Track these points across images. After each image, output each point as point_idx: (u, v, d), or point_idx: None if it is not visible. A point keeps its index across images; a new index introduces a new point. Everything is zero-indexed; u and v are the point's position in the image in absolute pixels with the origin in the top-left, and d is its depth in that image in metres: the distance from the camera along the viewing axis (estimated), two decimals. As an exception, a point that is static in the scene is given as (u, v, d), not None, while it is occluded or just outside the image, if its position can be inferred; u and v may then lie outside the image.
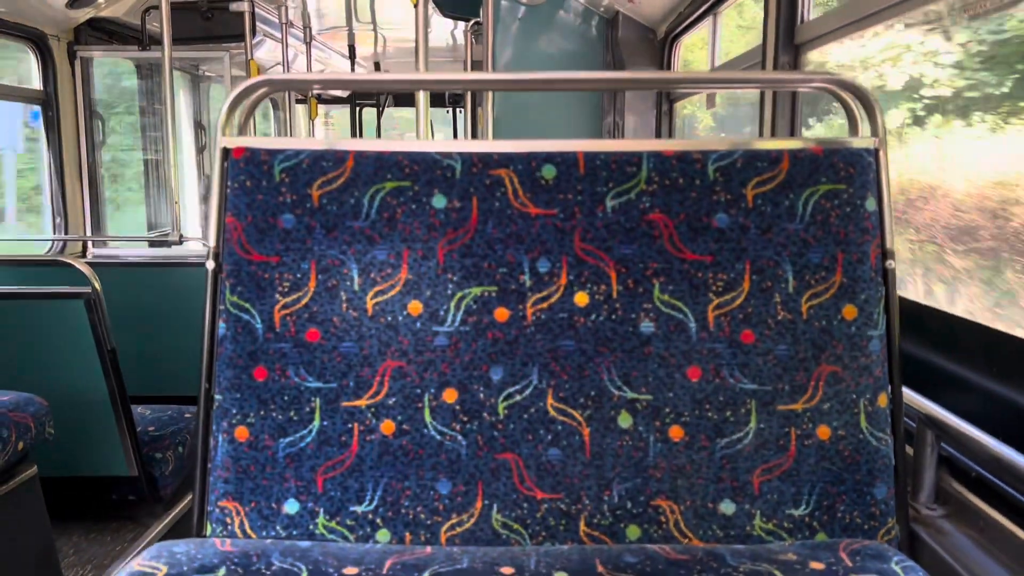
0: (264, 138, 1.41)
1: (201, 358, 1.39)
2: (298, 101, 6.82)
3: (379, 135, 9.18)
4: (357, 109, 9.28)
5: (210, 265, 1.39)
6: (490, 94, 3.97)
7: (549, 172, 1.38)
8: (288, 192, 1.38)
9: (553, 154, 1.39)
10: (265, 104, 7.54)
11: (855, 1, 2.05)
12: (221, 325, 1.38)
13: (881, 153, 1.38)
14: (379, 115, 8.69)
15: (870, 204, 1.36)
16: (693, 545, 1.32)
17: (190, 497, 1.44)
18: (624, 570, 1.19)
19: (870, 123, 1.40)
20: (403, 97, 9.03)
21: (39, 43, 4.09)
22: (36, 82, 4.18)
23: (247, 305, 1.38)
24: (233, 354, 1.37)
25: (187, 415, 3.21)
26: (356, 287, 1.38)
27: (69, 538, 2.89)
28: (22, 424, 2.21)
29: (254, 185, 1.38)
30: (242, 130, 1.48)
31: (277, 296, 1.38)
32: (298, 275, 1.38)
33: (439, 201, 1.38)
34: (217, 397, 1.38)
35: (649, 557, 1.23)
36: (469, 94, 5.21)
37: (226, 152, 1.40)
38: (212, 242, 1.40)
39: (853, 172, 1.36)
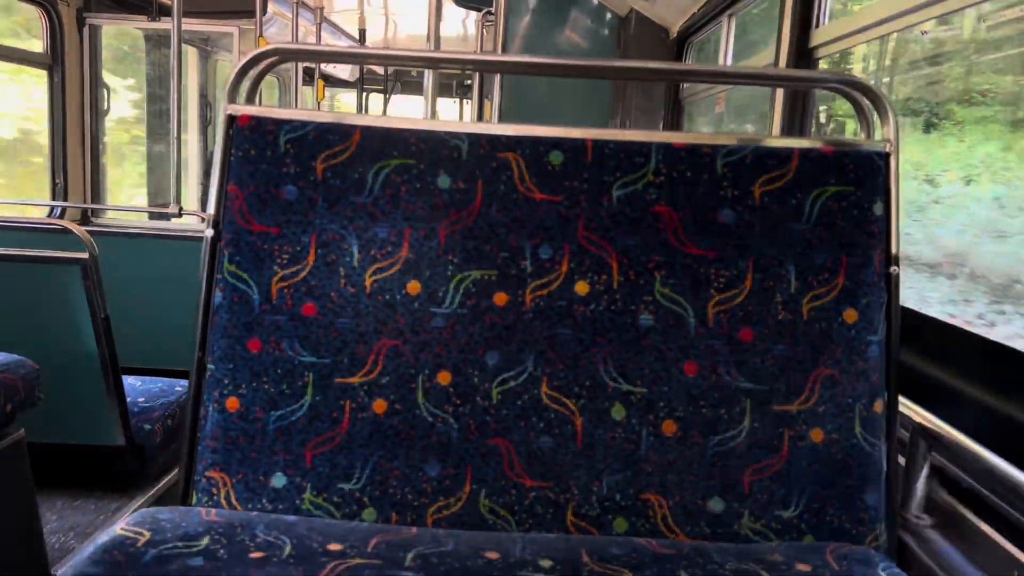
0: (271, 108, 1.40)
1: (197, 326, 1.38)
2: (305, 83, 6.79)
3: None
4: (364, 94, 9.25)
5: (209, 233, 1.37)
6: (498, 84, 3.96)
7: (556, 158, 1.37)
8: (292, 163, 1.37)
9: (561, 140, 1.38)
10: (272, 89, 7.51)
11: (870, 7, 2.04)
12: (217, 294, 1.36)
13: (892, 157, 1.37)
14: (386, 101, 8.67)
15: (878, 208, 1.35)
16: (680, 540, 1.31)
17: (177, 470, 1.43)
18: (609, 561, 1.18)
19: (882, 126, 1.39)
20: (410, 85, 9.01)
21: (49, 7, 4.07)
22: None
23: (244, 275, 1.36)
24: (228, 324, 1.36)
25: (178, 388, 3.20)
26: (355, 263, 1.36)
27: (53, 504, 2.87)
28: (10, 386, 2.19)
29: (258, 154, 1.37)
30: (249, 100, 1.46)
31: (275, 268, 1.36)
32: (298, 248, 1.36)
33: (444, 181, 1.37)
34: (210, 367, 1.36)
35: (635, 550, 1.22)
36: (476, 85, 5.19)
37: (231, 119, 1.38)
38: (212, 210, 1.38)
39: (863, 175, 1.35)
